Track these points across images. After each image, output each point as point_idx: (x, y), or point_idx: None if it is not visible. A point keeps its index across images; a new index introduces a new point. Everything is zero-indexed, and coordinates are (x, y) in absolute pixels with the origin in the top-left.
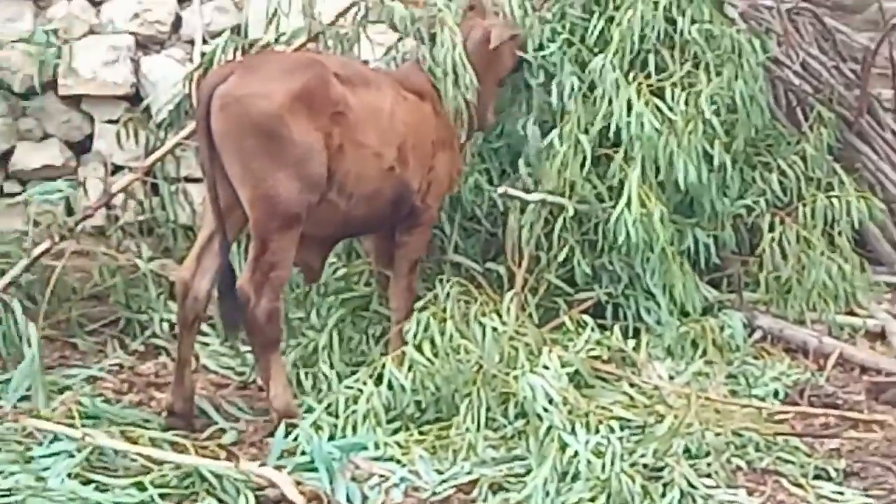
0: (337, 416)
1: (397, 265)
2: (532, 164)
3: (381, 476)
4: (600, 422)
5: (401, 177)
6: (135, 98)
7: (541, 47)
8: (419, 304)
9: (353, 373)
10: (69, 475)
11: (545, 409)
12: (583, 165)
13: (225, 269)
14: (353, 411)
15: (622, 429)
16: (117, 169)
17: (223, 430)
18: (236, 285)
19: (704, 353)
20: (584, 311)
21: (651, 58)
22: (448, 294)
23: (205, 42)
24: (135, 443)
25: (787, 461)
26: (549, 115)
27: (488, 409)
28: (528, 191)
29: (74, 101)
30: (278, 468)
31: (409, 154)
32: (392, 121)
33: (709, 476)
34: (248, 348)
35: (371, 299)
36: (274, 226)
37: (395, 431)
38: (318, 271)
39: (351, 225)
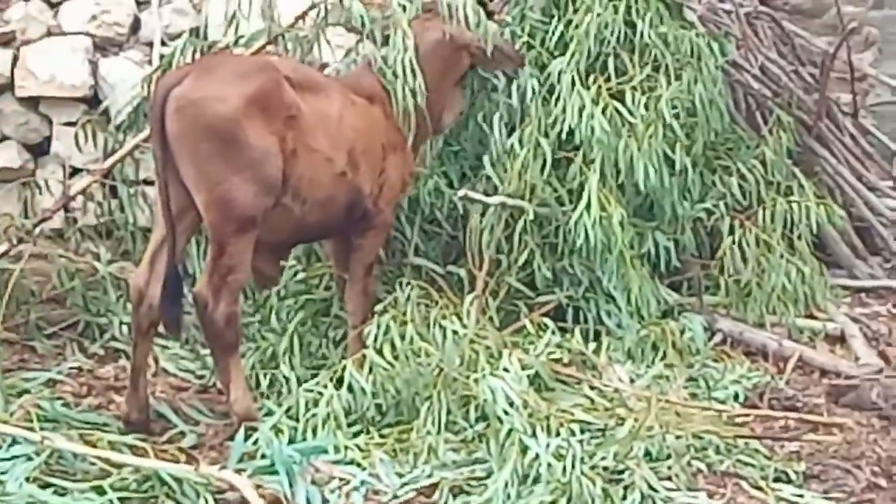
0: (297, 420)
1: (352, 269)
2: (494, 167)
3: (342, 479)
4: (561, 425)
5: (353, 182)
6: (93, 100)
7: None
8: (379, 307)
9: (314, 376)
10: (27, 479)
11: (506, 413)
12: (543, 168)
13: (171, 271)
14: (314, 414)
15: (583, 432)
16: (76, 171)
17: (183, 434)
18: (194, 290)
19: (665, 356)
20: (545, 315)
21: (610, 61)
22: (408, 297)
23: (163, 44)
24: (94, 446)
25: (747, 464)
26: (510, 118)
27: (449, 413)
28: (488, 194)
29: (32, 103)
30: (238, 472)
31: (360, 159)
32: (341, 126)
33: (669, 479)
34: (208, 351)
35: (331, 303)
36: (230, 229)
37: (356, 435)
38: (272, 277)
39: (304, 230)
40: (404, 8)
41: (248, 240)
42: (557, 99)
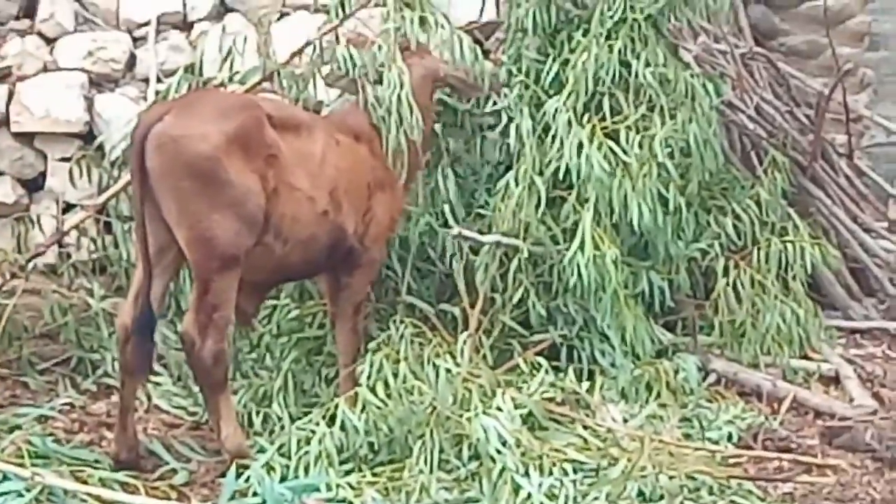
0: (289, 457)
1: (341, 308)
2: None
3: None
4: (554, 464)
5: (335, 221)
6: (88, 136)
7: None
8: (373, 344)
9: (307, 414)
10: None
11: (498, 452)
12: (537, 207)
13: (145, 308)
14: (306, 452)
15: (576, 471)
16: (70, 207)
17: (175, 471)
18: (180, 329)
19: (658, 395)
20: (539, 353)
21: (606, 100)
22: (402, 335)
23: (159, 80)
24: (85, 483)
25: None
26: (506, 157)
27: (441, 451)
28: (482, 232)
29: (27, 138)
30: None
31: (343, 198)
32: (323, 165)
33: None
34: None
35: (324, 341)
36: (213, 266)
37: (348, 473)
38: (252, 316)
39: (286, 270)
40: (395, 46)
41: (233, 277)
42: (553, 138)
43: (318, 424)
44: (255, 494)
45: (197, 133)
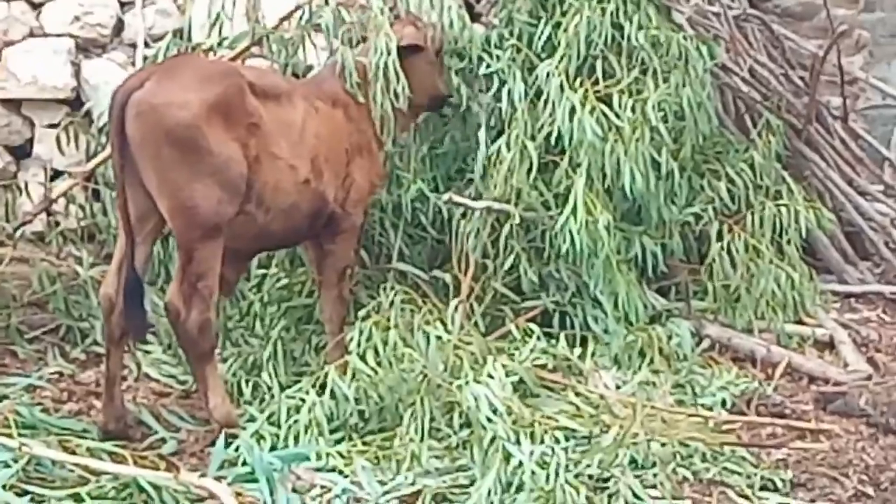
0: (279, 426)
1: (326, 275)
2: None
3: (323, 487)
4: (545, 432)
5: (316, 189)
6: (76, 102)
7: (487, 54)
8: (362, 312)
9: (296, 382)
10: (4, 486)
11: (489, 420)
12: (529, 172)
13: (131, 275)
14: (295, 421)
15: (567, 439)
16: (58, 174)
17: (163, 440)
18: (165, 299)
19: (651, 362)
20: (531, 320)
21: (598, 64)
22: (392, 302)
23: (147, 46)
24: (73, 453)
25: (733, 472)
26: (498, 122)
27: (432, 419)
28: (474, 198)
29: (14, 105)
30: (219, 479)
31: (324, 166)
32: (304, 134)
33: (654, 487)
34: None
35: (314, 309)
36: (196, 235)
37: (338, 441)
38: (233, 284)
39: (268, 238)
40: (384, 10)
41: (216, 246)
42: (545, 102)
43: (307, 393)
44: (244, 463)
45: (177, 100)
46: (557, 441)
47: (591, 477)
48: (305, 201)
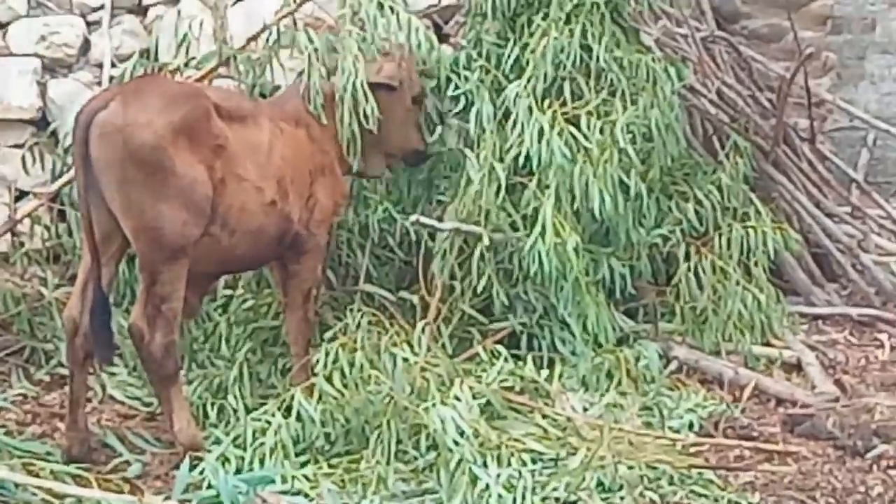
0: (244, 449)
1: (291, 297)
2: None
3: None
4: (512, 454)
5: (282, 211)
6: (41, 122)
7: (456, 75)
8: (329, 333)
9: (262, 405)
10: None
11: (456, 442)
12: (497, 193)
13: (98, 297)
14: (261, 444)
15: (534, 462)
16: (22, 194)
17: (128, 463)
18: (128, 322)
19: (619, 384)
20: (498, 342)
21: (566, 85)
22: (358, 324)
23: (113, 65)
24: (36, 476)
25: (700, 494)
26: (465, 142)
27: (399, 442)
28: (441, 219)
29: None
30: (183, 502)
31: (289, 187)
32: (270, 155)
33: None
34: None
35: (280, 330)
36: (160, 258)
37: (304, 464)
38: (197, 307)
39: (232, 261)
40: (354, 34)
41: (180, 268)
42: (514, 123)
43: (273, 415)
44: (209, 486)
45: (142, 122)
46: (524, 464)
47: (557, 500)
48: (271, 223)
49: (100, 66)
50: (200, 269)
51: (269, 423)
